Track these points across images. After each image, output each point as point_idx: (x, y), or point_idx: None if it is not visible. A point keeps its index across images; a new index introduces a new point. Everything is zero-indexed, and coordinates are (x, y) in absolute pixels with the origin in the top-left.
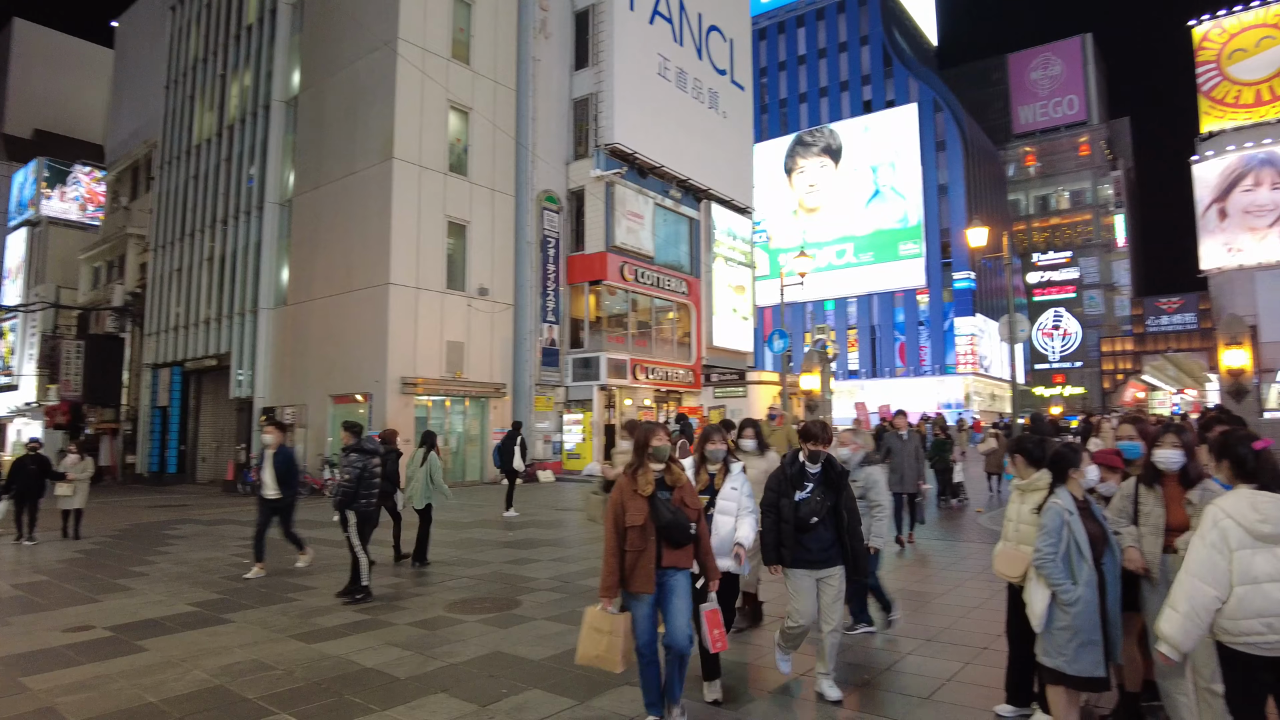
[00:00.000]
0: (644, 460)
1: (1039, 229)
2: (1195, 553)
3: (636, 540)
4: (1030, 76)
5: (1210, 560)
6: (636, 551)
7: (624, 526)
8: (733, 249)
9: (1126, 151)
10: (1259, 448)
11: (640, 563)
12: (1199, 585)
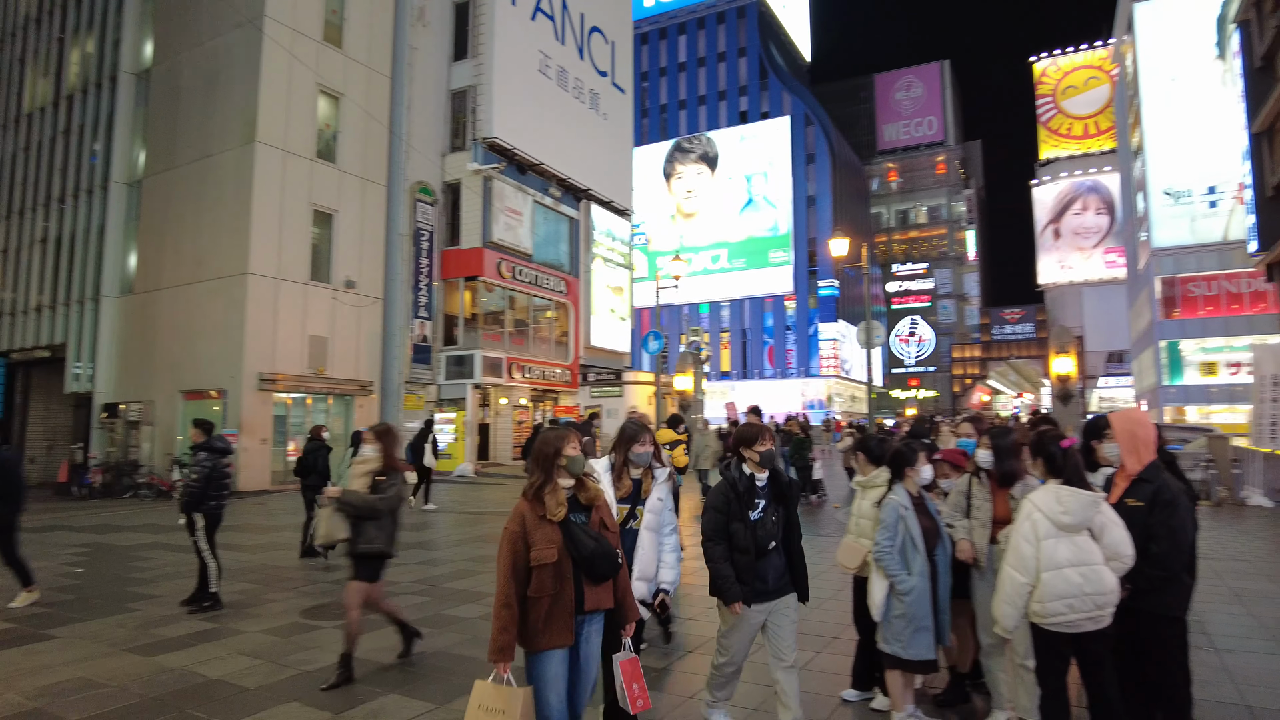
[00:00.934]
0: (552, 475)
1: (899, 241)
2: (1011, 543)
3: (548, 582)
4: (894, 97)
5: (1020, 550)
6: (548, 596)
7: (529, 565)
8: (612, 250)
9: (978, 172)
10: (1066, 446)
11: (555, 611)
12: (1011, 573)
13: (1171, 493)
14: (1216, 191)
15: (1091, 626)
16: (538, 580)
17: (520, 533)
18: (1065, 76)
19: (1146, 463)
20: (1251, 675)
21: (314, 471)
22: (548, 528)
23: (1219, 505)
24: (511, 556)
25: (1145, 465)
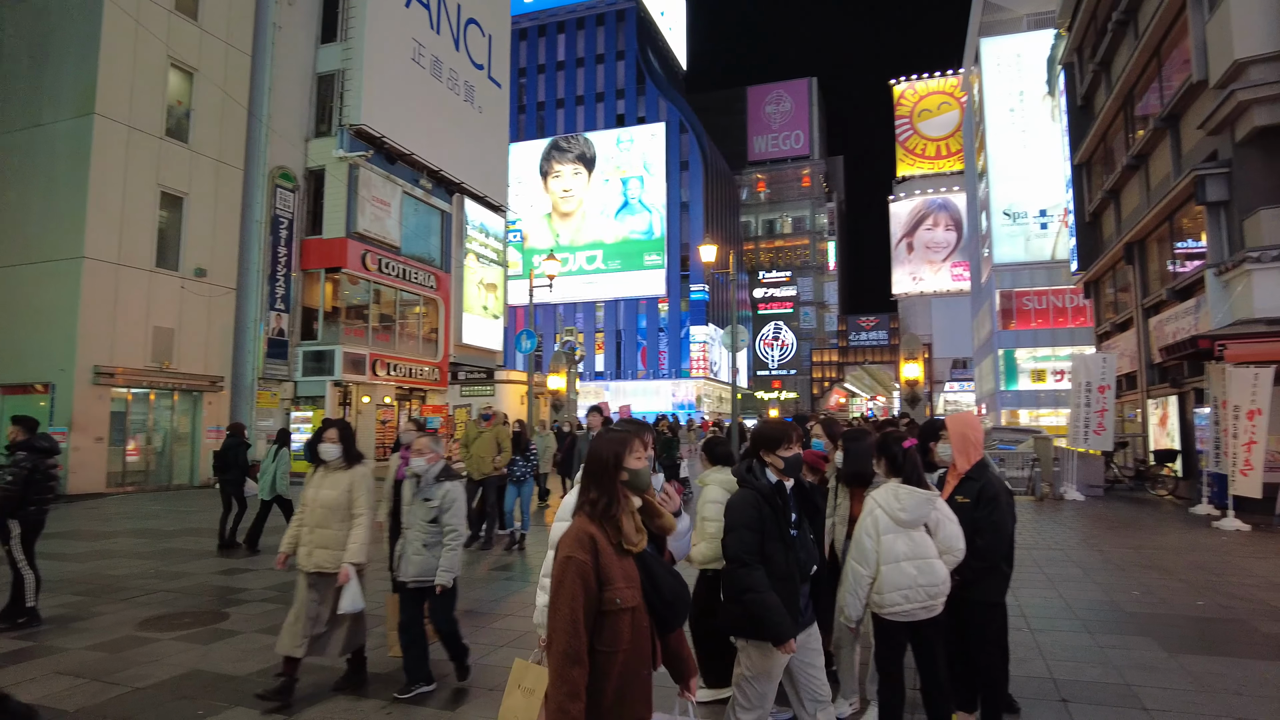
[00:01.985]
0: (618, 492)
1: (766, 249)
2: (854, 538)
3: (625, 633)
4: (765, 110)
5: (862, 544)
6: (623, 652)
7: (603, 610)
8: (485, 246)
9: (840, 186)
10: (906, 447)
11: (631, 672)
12: (855, 566)
13: (994, 489)
14: (1047, 214)
15: (925, 615)
16: (612, 630)
17: (592, 564)
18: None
19: (974, 462)
20: (1060, 652)
21: (234, 467)
22: (626, 561)
23: (1041, 500)
24: (584, 595)
25: (973, 464)
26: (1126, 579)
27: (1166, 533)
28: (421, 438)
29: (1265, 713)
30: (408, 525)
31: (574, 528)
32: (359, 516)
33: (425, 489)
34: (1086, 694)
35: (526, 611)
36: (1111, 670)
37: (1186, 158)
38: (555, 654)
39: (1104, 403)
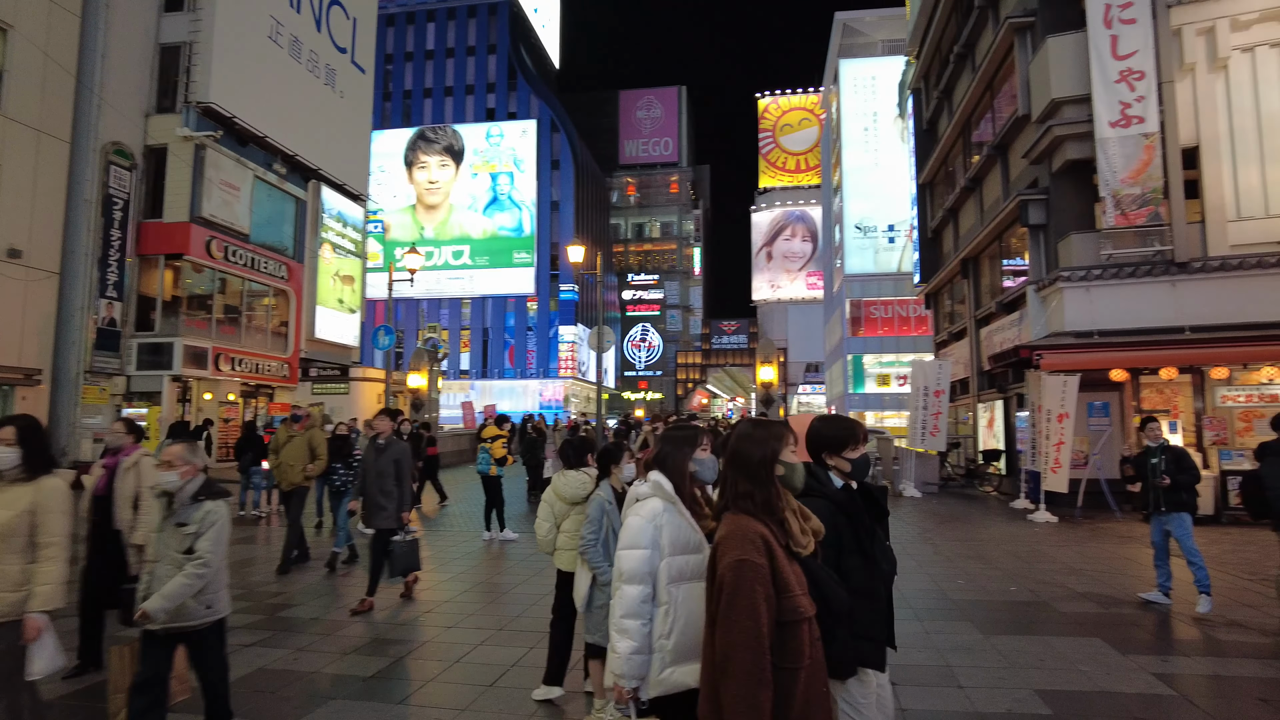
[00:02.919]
0: (778, 488)
1: (635, 252)
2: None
3: (804, 648)
4: (636, 115)
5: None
6: (808, 670)
7: (782, 621)
8: (343, 236)
9: (706, 194)
10: None
11: (819, 694)
12: None
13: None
14: (895, 230)
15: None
16: (794, 643)
17: (768, 568)
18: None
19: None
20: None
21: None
22: (795, 565)
23: None
24: (765, 604)
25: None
26: (953, 569)
27: (990, 526)
28: (174, 445)
29: (1060, 681)
30: (157, 556)
31: (737, 527)
32: (50, 546)
33: (180, 511)
34: (912, 676)
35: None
36: (935, 653)
37: (1013, 183)
38: (736, 677)
39: (939, 406)
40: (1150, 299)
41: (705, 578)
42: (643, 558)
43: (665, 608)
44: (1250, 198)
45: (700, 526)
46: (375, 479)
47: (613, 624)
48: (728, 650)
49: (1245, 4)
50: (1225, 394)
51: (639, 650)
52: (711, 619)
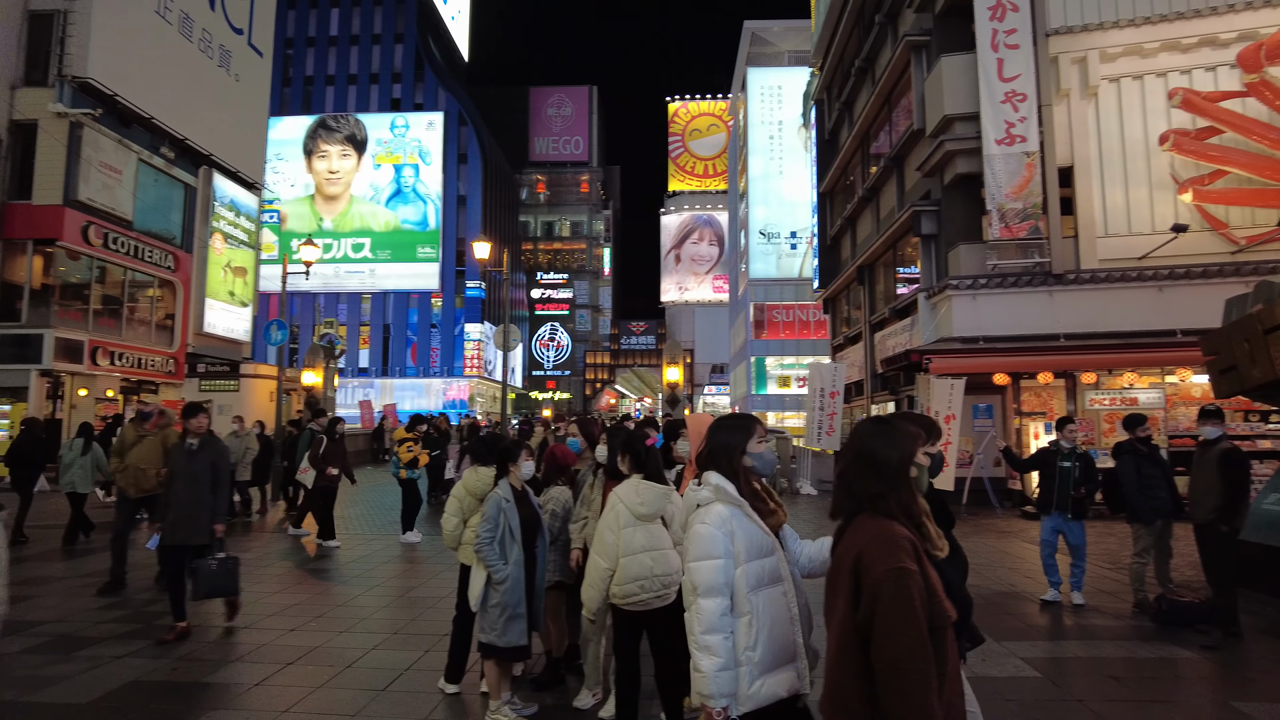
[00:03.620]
0: (912, 490)
1: (544, 250)
2: (597, 533)
3: (949, 649)
4: (547, 112)
5: (604, 538)
6: (953, 676)
7: (932, 627)
8: (236, 226)
9: (616, 194)
10: (649, 445)
11: (954, 690)
12: (596, 559)
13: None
14: (797, 236)
15: (660, 604)
16: (941, 649)
17: (921, 575)
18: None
19: None
20: None
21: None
22: (932, 570)
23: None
24: (924, 611)
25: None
26: None
27: None
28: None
29: None
30: None
31: (882, 532)
32: None
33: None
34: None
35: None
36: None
37: (908, 194)
38: (911, 689)
39: (834, 407)
40: (1030, 308)
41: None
42: (717, 568)
43: (747, 618)
44: (1116, 216)
45: (769, 524)
46: (187, 485)
47: (693, 642)
48: (897, 662)
49: (1112, 38)
50: (1093, 397)
51: (726, 666)
52: (850, 629)
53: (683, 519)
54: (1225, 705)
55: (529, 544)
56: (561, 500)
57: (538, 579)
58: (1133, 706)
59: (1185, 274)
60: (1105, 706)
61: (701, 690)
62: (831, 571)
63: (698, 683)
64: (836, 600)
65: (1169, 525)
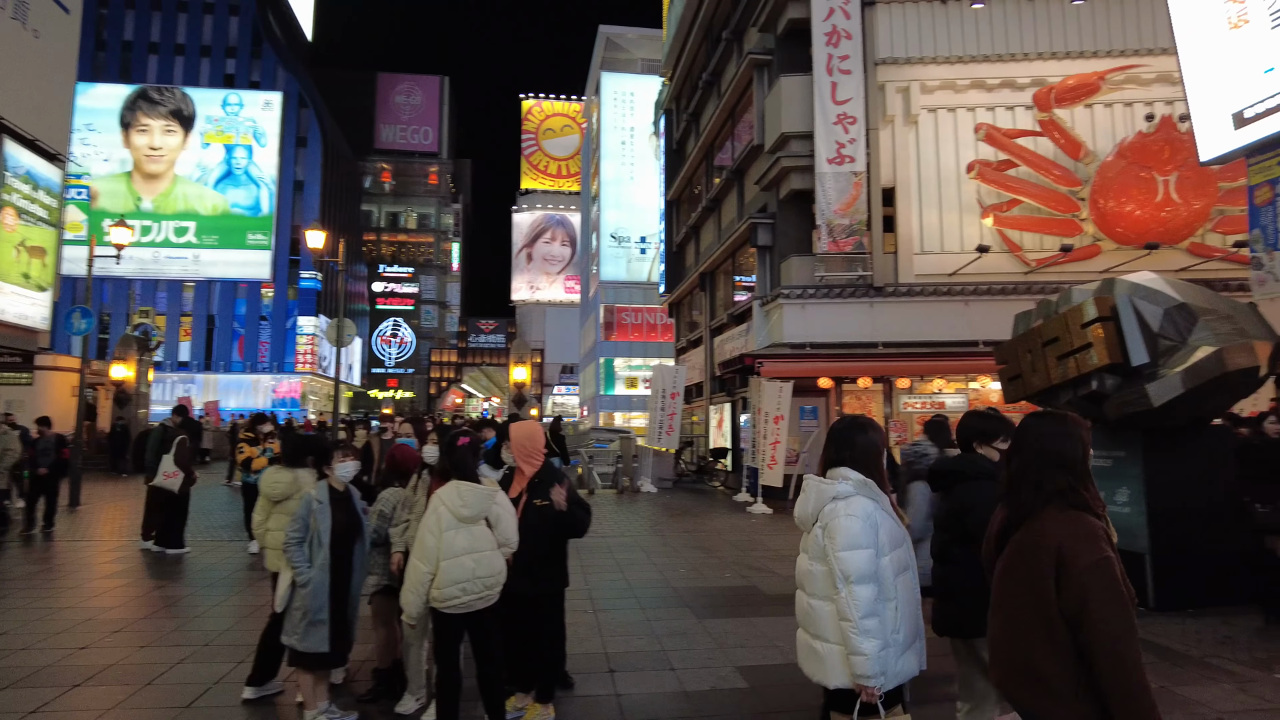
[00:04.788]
0: (1092, 483)
1: (388, 243)
2: (418, 536)
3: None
4: (395, 99)
5: (425, 541)
6: None
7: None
8: (33, 200)
9: (467, 189)
10: (461, 444)
11: None
12: (416, 563)
13: (572, 490)
14: (646, 241)
15: (482, 605)
16: None
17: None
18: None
19: (538, 467)
20: (616, 628)
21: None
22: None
23: (622, 493)
24: (1128, 593)
25: (538, 469)
26: (678, 559)
27: (714, 518)
28: None
29: (759, 658)
30: None
31: (1081, 525)
32: None
33: None
34: (631, 662)
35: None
36: (654, 639)
37: (747, 206)
38: (1132, 666)
39: (674, 407)
40: (853, 317)
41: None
42: (869, 558)
43: (893, 603)
44: (931, 235)
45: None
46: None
47: (851, 629)
48: (1114, 644)
49: (930, 72)
50: (907, 401)
51: (885, 646)
52: (1054, 614)
53: (813, 511)
54: None
55: (344, 549)
56: (392, 502)
57: (352, 586)
58: (916, 679)
59: (987, 290)
60: None
61: (864, 672)
62: (1013, 561)
63: (859, 665)
64: (1017, 589)
65: None
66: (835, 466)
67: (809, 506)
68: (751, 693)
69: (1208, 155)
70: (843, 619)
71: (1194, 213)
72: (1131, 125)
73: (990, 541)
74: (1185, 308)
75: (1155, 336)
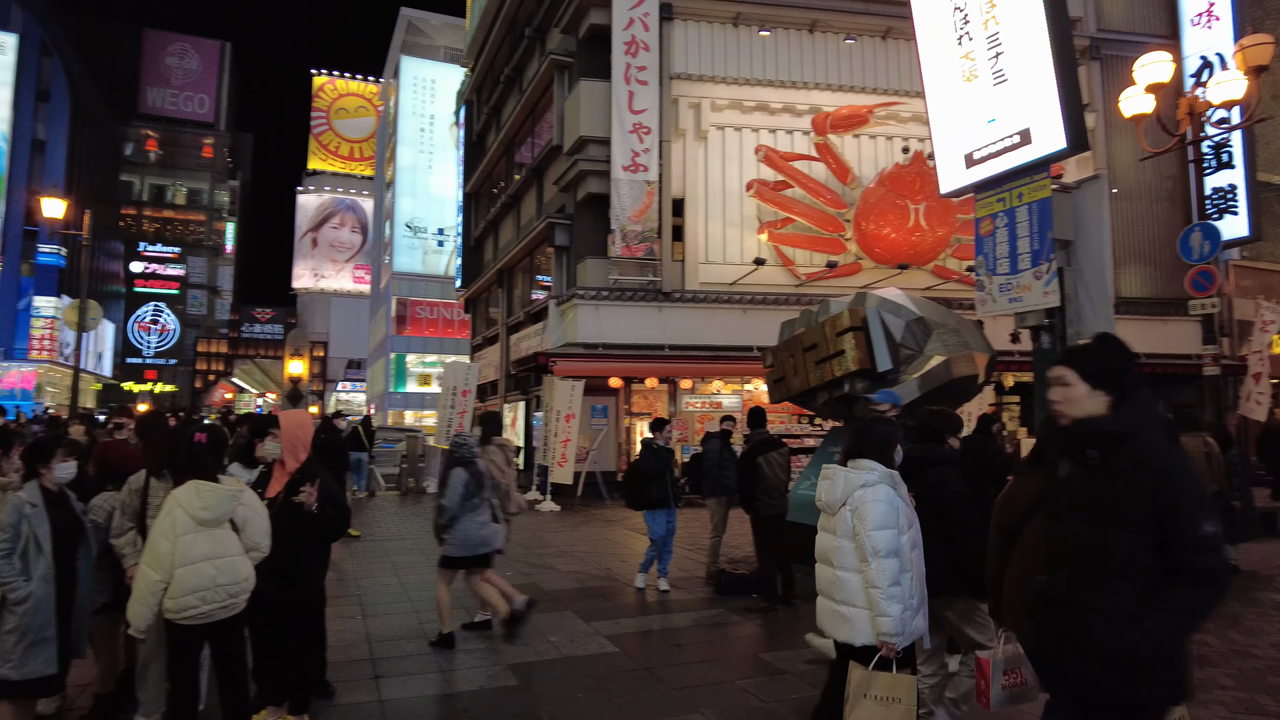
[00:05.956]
0: None
1: (152, 218)
2: (149, 542)
3: None
4: (166, 61)
5: (157, 547)
6: None
7: None
8: None
9: (246, 165)
10: (197, 440)
11: None
12: (147, 571)
13: (329, 488)
14: (444, 233)
15: (225, 615)
16: None
17: None
18: (341, 98)
19: (303, 461)
20: (386, 633)
21: None
22: None
23: (406, 494)
24: None
25: (301, 464)
26: None
27: None
28: None
29: (531, 654)
30: None
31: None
32: None
33: None
34: (399, 667)
35: None
36: (425, 642)
37: (546, 206)
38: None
39: (465, 405)
40: (643, 320)
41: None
42: (893, 535)
43: (910, 574)
44: (715, 246)
45: None
46: None
47: (879, 595)
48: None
49: (721, 91)
50: (689, 401)
51: (906, 609)
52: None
53: (840, 496)
54: (755, 657)
55: (68, 555)
56: (106, 509)
57: (79, 596)
58: (686, 667)
59: (763, 300)
60: (666, 670)
61: (890, 630)
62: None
63: (885, 625)
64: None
65: (729, 505)
66: (856, 457)
67: (836, 492)
68: (521, 689)
69: (946, 189)
70: (871, 586)
71: (938, 239)
72: (891, 157)
73: (1016, 509)
74: (922, 321)
75: (898, 346)
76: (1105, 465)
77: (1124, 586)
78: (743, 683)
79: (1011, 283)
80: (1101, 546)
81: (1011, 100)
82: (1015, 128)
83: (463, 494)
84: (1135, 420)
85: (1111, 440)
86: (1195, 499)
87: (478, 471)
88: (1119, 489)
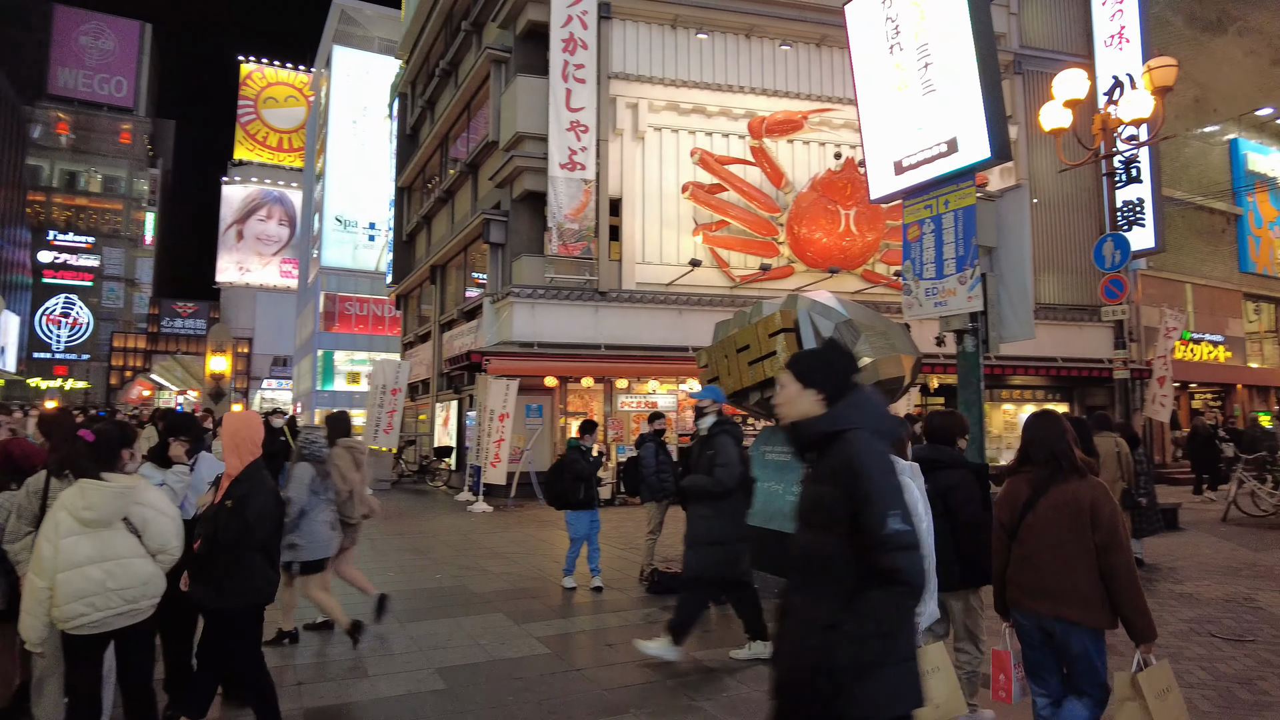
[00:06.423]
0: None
1: (62, 205)
2: (35, 546)
3: None
4: (79, 40)
5: (40, 552)
6: None
7: None
8: None
9: (168, 153)
10: (82, 436)
11: None
12: (32, 579)
13: (264, 491)
14: (375, 228)
15: (126, 622)
16: None
17: None
18: (269, 87)
19: (248, 463)
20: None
21: None
22: None
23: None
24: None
25: (245, 465)
26: (387, 562)
27: (433, 519)
28: None
29: (459, 657)
30: None
31: (1100, 486)
32: None
33: None
34: (323, 673)
35: None
36: (347, 649)
37: (481, 201)
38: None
39: (395, 404)
40: (579, 319)
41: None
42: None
43: (927, 559)
44: (651, 246)
45: None
46: None
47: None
48: (1129, 562)
49: (659, 92)
50: (624, 400)
51: (930, 593)
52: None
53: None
54: (687, 656)
55: None
56: (5, 510)
57: None
58: (619, 667)
59: (698, 301)
60: (597, 671)
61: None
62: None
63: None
64: (1065, 533)
65: (668, 506)
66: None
67: None
68: (448, 693)
69: (876, 195)
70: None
71: (867, 244)
72: (823, 162)
73: (1016, 505)
74: (851, 324)
75: None
76: (819, 466)
77: (828, 592)
78: (673, 682)
79: (937, 287)
80: (817, 550)
81: (939, 110)
82: (943, 137)
83: (309, 487)
84: (843, 419)
85: (821, 440)
86: (883, 496)
87: (325, 471)
88: (827, 490)
